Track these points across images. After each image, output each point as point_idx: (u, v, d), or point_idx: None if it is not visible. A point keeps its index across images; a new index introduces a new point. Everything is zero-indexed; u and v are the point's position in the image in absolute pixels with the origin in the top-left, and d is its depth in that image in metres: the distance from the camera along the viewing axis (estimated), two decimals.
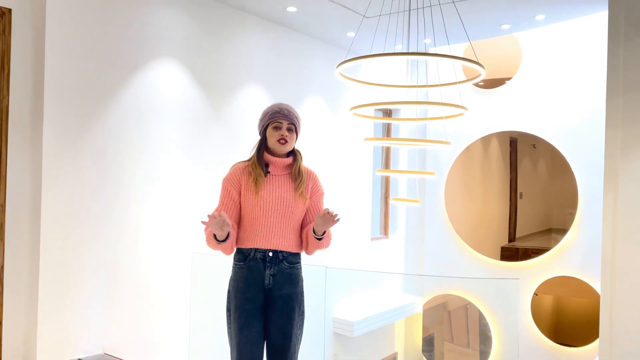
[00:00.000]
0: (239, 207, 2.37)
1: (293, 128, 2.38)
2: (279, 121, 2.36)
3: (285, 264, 2.34)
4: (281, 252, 2.33)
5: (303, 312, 2.42)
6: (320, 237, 2.33)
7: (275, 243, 2.32)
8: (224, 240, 2.26)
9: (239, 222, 2.39)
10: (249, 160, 2.42)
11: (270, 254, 2.32)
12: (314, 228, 2.31)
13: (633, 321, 3.60)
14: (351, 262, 5.83)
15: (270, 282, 2.32)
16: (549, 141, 5.74)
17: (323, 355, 4.81)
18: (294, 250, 2.37)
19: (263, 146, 2.40)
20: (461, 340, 6.41)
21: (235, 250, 2.40)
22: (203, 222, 2.18)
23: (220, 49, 4.40)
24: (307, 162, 2.52)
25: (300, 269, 2.42)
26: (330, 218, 2.24)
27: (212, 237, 2.27)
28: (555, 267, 5.66)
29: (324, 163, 5.47)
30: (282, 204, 2.32)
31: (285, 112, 2.37)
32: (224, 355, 2.49)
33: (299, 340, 2.40)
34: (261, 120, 2.42)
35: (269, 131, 2.37)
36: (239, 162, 2.44)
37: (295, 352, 2.38)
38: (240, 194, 2.35)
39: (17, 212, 3.26)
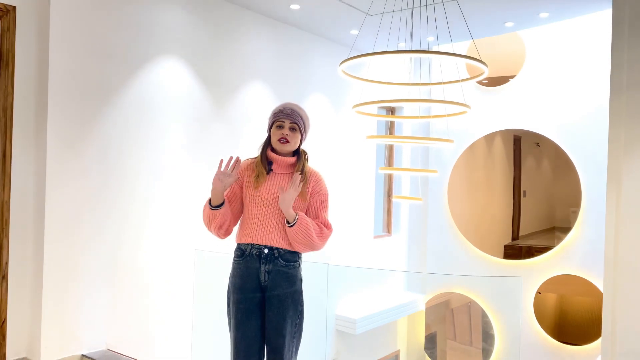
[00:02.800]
0: (240, 200, 2.42)
1: (296, 127, 2.39)
2: (281, 120, 2.39)
3: (281, 261, 2.34)
4: (277, 249, 2.33)
5: (301, 311, 2.39)
6: (291, 225, 2.29)
7: (271, 239, 2.33)
8: (218, 207, 2.31)
9: (239, 218, 2.45)
10: (255, 157, 2.47)
11: (266, 250, 2.33)
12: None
13: (635, 320, 3.60)
14: (353, 259, 5.84)
15: (266, 279, 2.33)
16: (552, 139, 5.73)
17: (325, 353, 4.82)
18: (290, 248, 2.36)
19: (268, 144, 2.43)
20: (463, 338, 6.41)
21: (235, 246, 2.42)
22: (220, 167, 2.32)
23: (223, 46, 4.40)
24: (311, 160, 2.53)
25: (298, 267, 2.40)
26: (287, 191, 2.29)
27: (208, 204, 2.34)
28: (559, 265, 5.65)
29: (327, 161, 5.48)
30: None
31: (288, 111, 2.39)
32: (226, 351, 2.50)
33: (295, 338, 2.38)
34: (269, 119, 2.47)
35: (273, 130, 2.41)
36: (245, 159, 2.49)
37: (290, 351, 2.36)
38: (242, 188, 2.41)
39: (22, 209, 3.28)
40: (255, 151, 2.51)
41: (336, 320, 5.58)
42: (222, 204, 2.33)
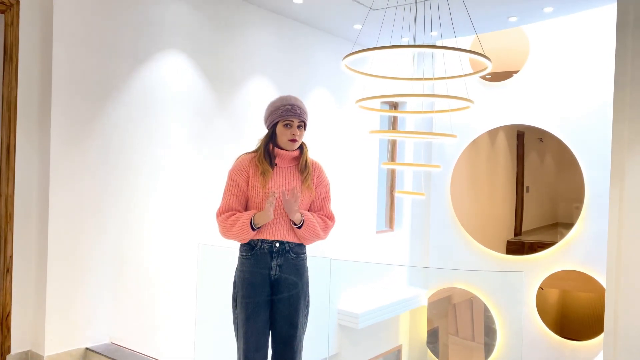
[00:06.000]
0: (247, 197, 2.39)
1: (303, 125, 2.39)
2: (290, 119, 2.35)
3: (292, 254, 2.37)
4: (287, 243, 2.36)
5: (308, 302, 2.45)
6: (299, 226, 2.34)
7: (282, 234, 2.34)
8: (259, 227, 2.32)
9: None
10: (255, 151, 2.43)
11: (277, 244, 2.34)
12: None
13: (638, 316, 3.60)
14: (356, 254, 5.85)
15: (277, 272, 2.35)
16: (556, 135, 5.72)
17: (327, 347, 4.84)
18: (298, 241, 2.39)
19: (271, 140, 2.40)
20: (466, 333, 6.43)
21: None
22: (271, 201, 2.22)
23: (226, 41, 4.40)
24: (313, 154, 2.53)
25: (306, 259, 2.45)
26: (288, 200, 2.26)
27: (249, 226, 2.28)
28: (561, 261, 5.65)
29: (330, 156, 5.47)
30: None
31: (297, 110, 2.36)
32: (229, 345, 2.52)
33: (304, 329, 2.43)
34: (271, 114, 2.40)
35: (279, 128, 2.37)
36: (244, 154, 2.45)
37: (301, 341, 2.41)
38: (247, 184, 2.37)
39: (26, 203, 3.29)
40: (254, 145, 2.47)
41: (338, 315, 5.60)
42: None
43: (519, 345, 5.50)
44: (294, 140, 2.36)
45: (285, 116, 2.34)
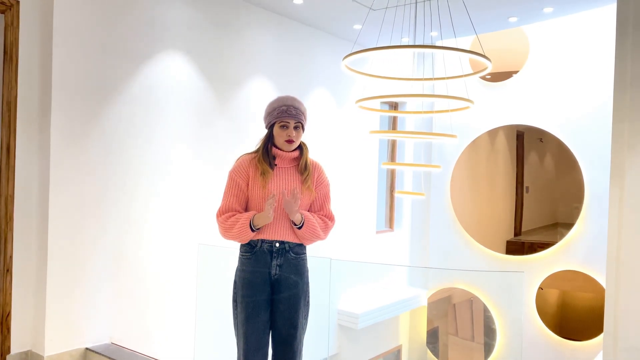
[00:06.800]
0: (247, 197, 2.40)
1: (300, 126, 2.38)
2: (286, 121, 2.35)
3: (292, 254, 2.37)
4: (287, 243, 2.36)
5: (308, 302, 2.45)
6: (299, 226, 2.34)
7: (282, 234, 2.35)
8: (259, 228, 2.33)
9: None
10: (255, 152, 2.43)
11: (277, 244, 2.34)
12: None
13: (638, 316, 3.60)
14: (356, 254, 5.85)
15: (277, 272, 2.35)
16: (555, 135, 5.72)
17: (327, 347, 4.84)
18: (298, 241, 2.40)
19: (269, 141, 2.41)
20: (466, 333, 6.42)
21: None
22: (268, 205, 2.23)
23: (226, 41, 4.40)
24: (313, 155, 2.53)
25: (306, 259, 2.45)
26: (288, 201, 2.27)
27: (249, 227, 2.29)
28: (561, 261, 5.65)
29: (330, 156, 5.48)
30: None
31: (293, 111, 2.35)
32: (229, 345, 2.52)
33: (304, 329, 2.43)
34: (268, 114, 2.41)
35: (276, 129, 2.37)
36: (245, 154, 2.45)
37: (301, 342, 2.41)
38: (247, 184, 2.37)
39: (26, 203, 3.29)
40: (255, 146, 2.47)
41: (338, 315, 5.60)
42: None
43: (519, 345, 5.50)
44: (290, 142, 2.36)
45: (281, 117, 2.34)
